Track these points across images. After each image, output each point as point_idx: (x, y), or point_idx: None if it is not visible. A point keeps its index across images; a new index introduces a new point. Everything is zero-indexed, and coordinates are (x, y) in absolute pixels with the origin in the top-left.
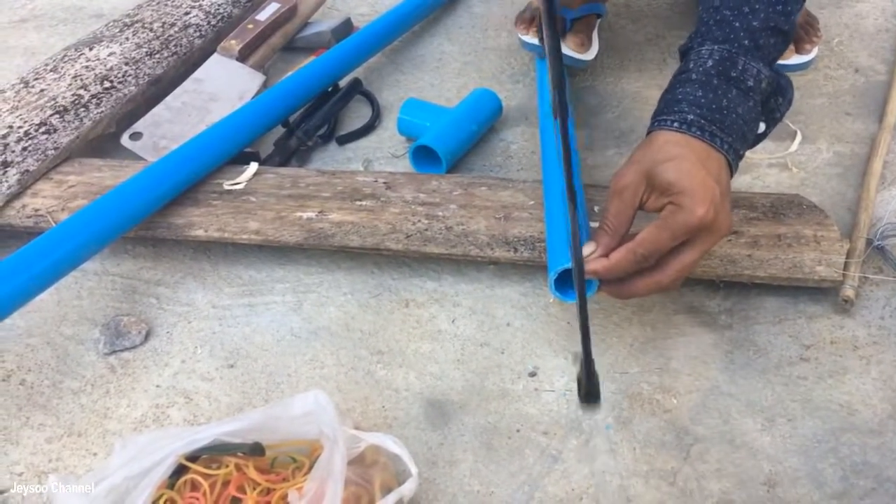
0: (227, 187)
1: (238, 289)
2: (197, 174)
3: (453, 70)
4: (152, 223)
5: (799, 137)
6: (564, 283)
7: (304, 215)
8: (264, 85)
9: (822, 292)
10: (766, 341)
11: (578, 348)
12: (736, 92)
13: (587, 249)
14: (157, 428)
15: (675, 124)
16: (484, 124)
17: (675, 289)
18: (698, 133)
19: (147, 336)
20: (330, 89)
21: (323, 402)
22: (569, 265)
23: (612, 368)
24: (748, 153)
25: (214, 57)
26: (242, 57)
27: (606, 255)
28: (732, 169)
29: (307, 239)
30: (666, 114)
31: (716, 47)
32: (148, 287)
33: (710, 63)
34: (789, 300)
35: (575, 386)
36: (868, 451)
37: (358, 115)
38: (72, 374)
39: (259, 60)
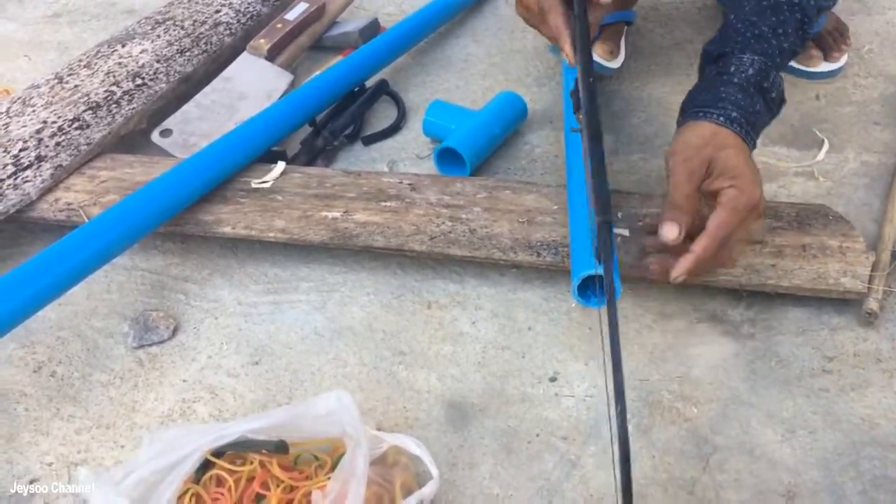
0: (254, 185)
1: (264, 286)
2: (226, 172)
3: (479, 72)
4: (182, 219)
5: (826, 146)
6: (587, 289)
7: (330, 215)
8: (292, 84)
9: (847, 304)
10: (789, 352)
11: (602, 356)
12: (763, 101)
13: (672, 233)
14: (184, 422)
15: (721, 118)
16: (509, 127)
17: (731, 266)
18: (738, 129)
19: (175, 331)
20: (356, 90)
21: (346, 402)
22: (593, 271)
23: (633, 376)
24: (775, 161)
25: (244, 56)
26: (271, 56)
27: (688, 235)
28: None
29: (332, 238)
30: (710, 107)
31: (756, 58)
32: (176, 283)
33: (751, 72)
34: (813, 311)
35: (594, 392)
36: (889, 465)
37: (384, 115)
38: (101, 366)
39: (287, 59)
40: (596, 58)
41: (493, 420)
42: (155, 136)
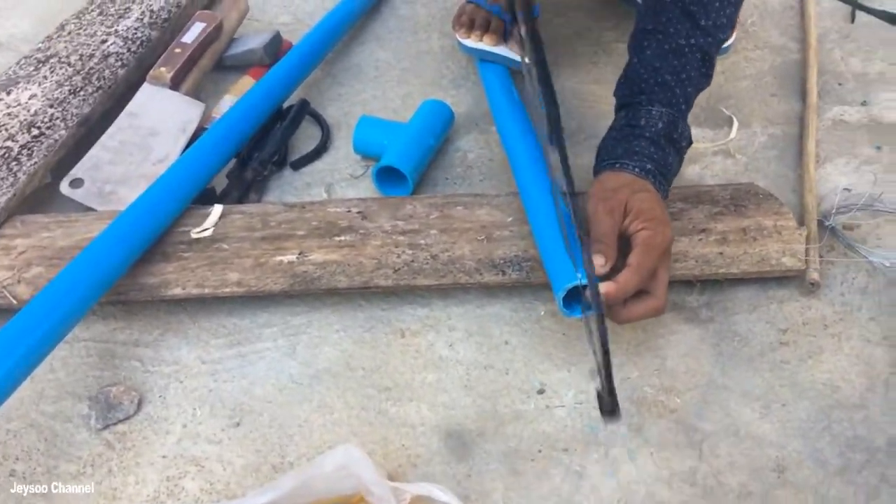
0: (194, 236)
1: (224, 339)
2: (162, 225)
3: (393, 78)
4: (122, 286)
5: (736, 124)
6: (568, 299)
7: (285, 259)
8: (204, 113)
9: (787, 277)
10: (747, 329)
11: (581, 361)
12: (674, 152)
13: (598, 261)
14: None
15: (637, 170)
16: (440, 137)
17: (664, 311)
18: (652, 181)
19: (140, 403)
20: (276, 112)
21: (356, 457)
22: (577, 283)
23: (616, 375)
24: (693, 143)
25: (145, 87)
26: (175, 84)
27: (613, 267)
28: None
29: (293, 285)
30: (626, 159)
31: (664, 110)
32: (126, 349)
33: (660, 125)
34: (759, 288)
35: (583, 398)
36: (856, 425)
37: (305, 136)
38: (65, 456)
39: (192, 86)
40: (510, 54)
41: (493, 443)
42: (64, 187)
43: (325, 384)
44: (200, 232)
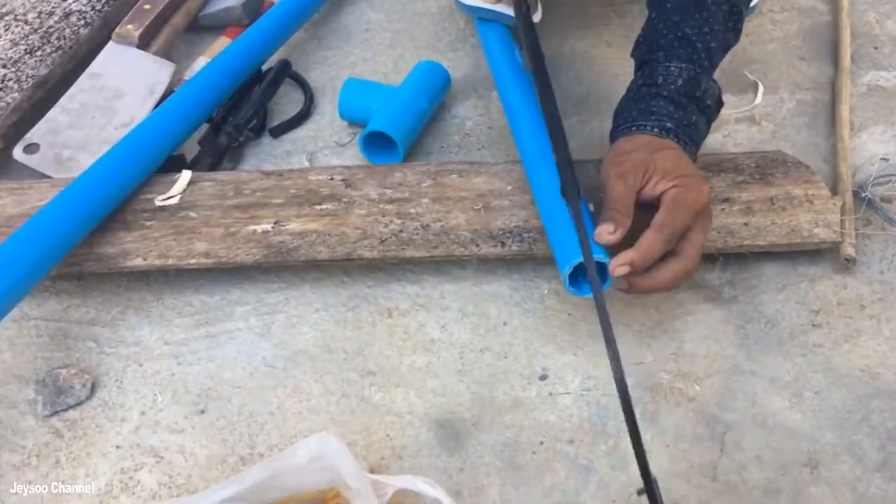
0: (159, 203)
1: (191, 318)
2: (123, 192)
3: (384, 41)
4: (77, 256)
5: (761, 89)
6: (575, 276)
7: (259, 228)
8: (175, 75)
9: (819, 252)
10: (775, 310)
11: (589, 344)
12: (698, 111)
13: (607, 229)
14: (131, 499)
15: (655, 130)
16: (435, 101)
17: (694, 275)
18: (674, 139)
19: (93, 388)
20: (254, 75)
21: (333, 446)
22: (581, 258)
23: (626, 360)
24: None
25: (110, 46)
26: (143, 43)
27: (624, 236)
28: None
29: (267, 256)
30: (643, 120)
31: (683, 66)
32: (81, 329)
33: (679, 83)
34: (788, 264)
35: (590, 384)
36: None
37: (287, 101)
38: (8, 445)
39: (163, 46)
40: (509, 11)
41: (489, 434)
42: (18, 153)
43: (302, 368)
44: (165, 199)
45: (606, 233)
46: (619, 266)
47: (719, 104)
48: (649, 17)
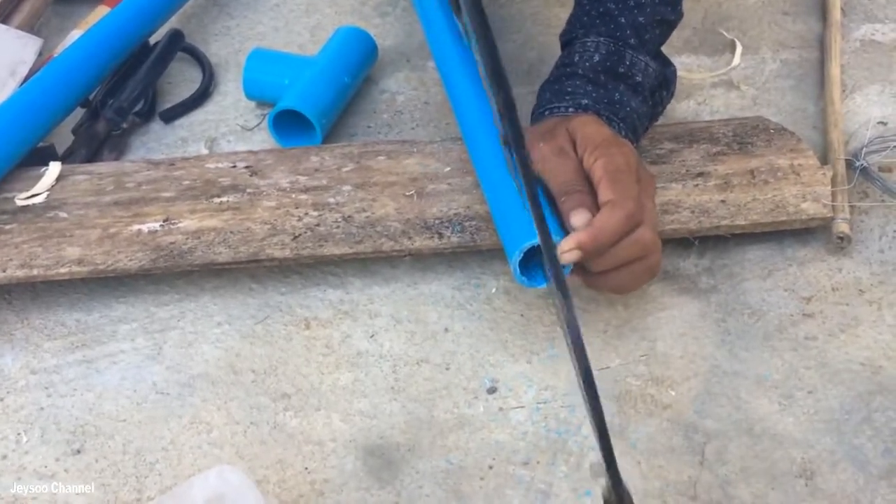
0: (20, 203)
1: (63, 341)
2: None
3: (299, 7)
4: None
5: (739, 48)
6: (527, 266)
7: (145, 227)
8: (42, 51)
9: (809, 231)
10: (760, 300)
11: (544, 349)
12: (625, 87)
13: (581, 218)
14: None
15: (571, 109)
16: (358, 74)
17: (658, 266)
18: (592, 111)
19: None
20: (139, 50)
21: (236, 483)
22: (536, 241)
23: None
24: (686, 73)
25: None
26: (4, 16)
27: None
28: None
29: (156, 261)
30: (557, 102)
31: (601, 40)
32: None
33: (596, 58)
34: (774, 246)
35: (547, 395)
36: None
37: (182, 79)
38: None
39: (28, 18)
40: None
41: (428, 460)
42: None
43: (202, 394)
44: (29, 198)
45: (583, 223)
46: (566, 252)
47: (665, 83)
48: None
